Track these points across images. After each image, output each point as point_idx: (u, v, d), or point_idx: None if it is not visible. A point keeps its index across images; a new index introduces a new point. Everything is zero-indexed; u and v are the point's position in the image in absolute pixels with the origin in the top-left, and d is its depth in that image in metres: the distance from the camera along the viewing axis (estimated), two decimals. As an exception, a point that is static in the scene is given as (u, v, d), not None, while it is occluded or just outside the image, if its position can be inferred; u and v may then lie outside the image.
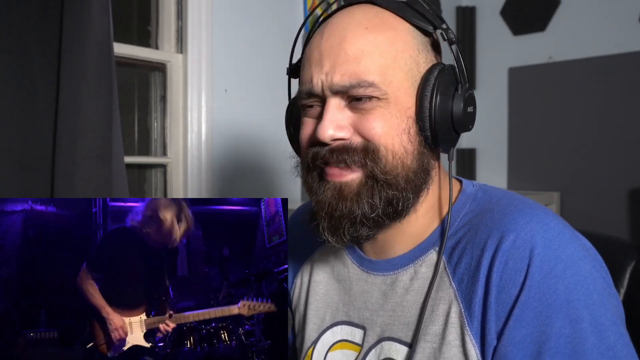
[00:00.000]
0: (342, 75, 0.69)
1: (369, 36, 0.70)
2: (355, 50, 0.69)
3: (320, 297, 0.87)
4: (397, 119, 0.70)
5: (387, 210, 0.71)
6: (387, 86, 0.69)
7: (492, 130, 3.08)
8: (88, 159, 1.34)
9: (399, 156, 0.70)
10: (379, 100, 0.69)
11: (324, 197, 0.72)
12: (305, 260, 0.92)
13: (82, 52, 1.34)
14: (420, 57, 0.73)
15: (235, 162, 2.01)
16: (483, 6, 3.13)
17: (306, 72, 0.73)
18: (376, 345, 0.77)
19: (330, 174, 0.72)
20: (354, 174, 0.71)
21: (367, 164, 0.69)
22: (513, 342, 0.64)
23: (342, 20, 0.73)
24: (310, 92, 0.72)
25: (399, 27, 0.72)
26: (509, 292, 0.66)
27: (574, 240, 0.67)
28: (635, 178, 2.61)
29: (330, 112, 0.70)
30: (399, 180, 0.70)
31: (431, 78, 0.71)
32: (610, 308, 0.65)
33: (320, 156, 0.71)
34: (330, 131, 0.69)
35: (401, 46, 0.71)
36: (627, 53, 2.63)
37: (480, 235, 0.70)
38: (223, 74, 1.95)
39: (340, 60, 0.69)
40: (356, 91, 0.69)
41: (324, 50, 0.71)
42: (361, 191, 0.70)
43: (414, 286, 0.75)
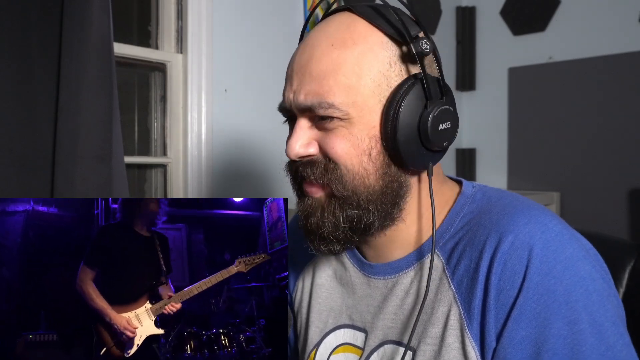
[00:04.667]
0: (306, 95, 0.69)
1: (333, 54, 0.68)
2: (318, 70, 0.69)
3: (323, 300, 0.87)
4: (358, 139, 0.69)
5: (352, 227, 0.71)
6: (349, 107, 0.68)
7: (492, 130, 3.08)
8: (88, 159, 1.34)
9: (359, 176, 0.69)
10: (340, 120, 0.68)
11: (300, 209, 0.74)
12: (308, 262, 0.92)
13: (82, 52, 1.34)
14: (392, 71, 0.69)
15: (235, 162, 2.01)
16: (483, 6, 3.13)
17: (284, 87, 0.75)
18: (378, 349, 0.77)
19: (306, 190, 0.73)
20: (320, 192, 0.72)
21: (326, 182, 0.70)
22: (512, 344, 0.64)
23: (315, 34, 0.72)
24: (283, 108, 0.74)
25: (371, 39, 0.69)
26: (508, 294, 0.65)
27: (573, 241, 0.67)
28: (635, 178, 2.61)
29: (297, 130, 0.72)
30: (360, 200, 0.70)
31: (397, 95, 0.67)
32: (610, 308, 0.64)
33: (294, 169, 0.74)
34: (295, 149, 0.71)
35: (369, 62, 0.68)
36: (627, 53, 2.63)
37: (479, 236, 0.70)
38: (223, 74, 1.95)
39: (305, 80, 0.70)
40: (318, 111, 0.69)
41: (294, 67, 0.72)
42: (325, 209, 0.71)
43: (414, 289, 0.75)
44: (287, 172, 0.77)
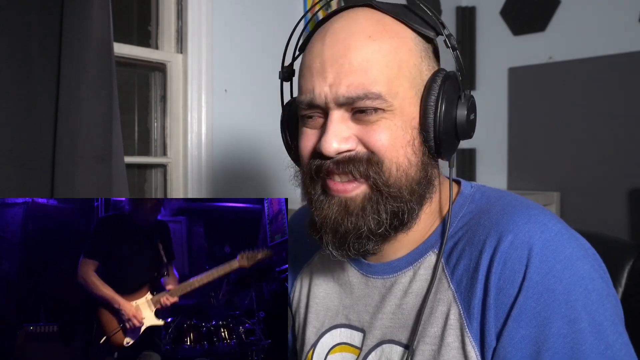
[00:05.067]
0: (348, 87, 0.66)
1: (373, 45, 0.67)
2: (360, 60, 0.67)
3: (320, 300, 0.87)
4: (402, 130, 0.68)
5: (394, 223, 0.70)
6: (393, 98, 0.67)
7: (492, 130, 3.08)
8: (88, 159, 1.34)
9: (403, 168, 0.68)
10: (384, 112, 0.67)
11: (329, 212, 0.70)
12: (305, 263, 0.92)
13: (82, 52, 1.34)
14: (423, 65, 0.71)
15: (235, 162, 2.01)
16: (483, 6, 3.14)
17: (307, 82, 0.70)
18: (376, 348, 0.77)
19: (334, 189, 0.70)
20: (358, 189, 0.69)
21: (370, 176, 0.68)
22: (512, 343, 0.64)
23: (344, 26, 0.69)
24: (312, 103, 0.69)
25: (401, 34, 0.70)
26: (508, 293, 0.65)
27: (572, 241, 0.67)
28: (635, 178, 2.61)
29: (334, 124, 0.68)
30: (403, 192, 0.69)
31: (434, 87, 0.69)
32: (609, 308, 0.65)
33: (324, 169, 0.69)
34: (334, 144, 0.67)
35: (405, 54, 0.69)
36: (627, 53, 2.63)
37: (479, 236, 0.70)
38: (223, 74, 1.95)
39: (345, 71, 0.67)
40: (363, 103, 0.66)
41: (326, 59, 0.68)
42: (366, 206, 0.69)
43: (413, 288, 0.75)
44: (305, 172, 0.73)
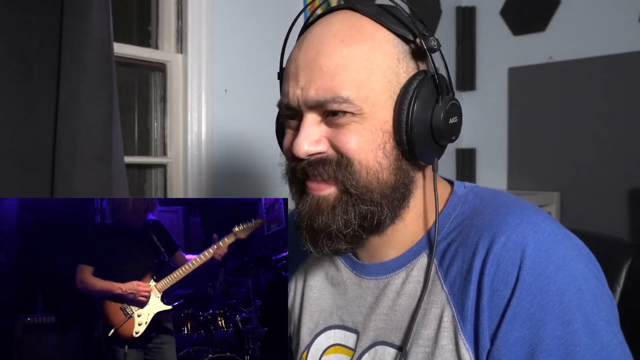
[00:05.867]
0: (317, 90, 0.68)
1: (344, 50, 0.68)
2: (329, 65, 0.68)
3: (314, 301, 0.87)
4: (372, 134, 0.69)
5: (363, 224, 0.70)
6: (362, 102, 0.68)
7: (492, 130, 3.08)
8: (88, 159, 1.34)
9: (373, 171, 0.69)
10: (353, 116, 0.68)
11: (303, 209, 0.72)
12: (300, 264, 0.92)
13: (82, 52, 1.34)
14: (400, 67, 0.70)
15: (235, 162, 2.02)
16: (483, 6, 3.14)
17: (285, 85, 0.73)
18: (369, 350, 0.77)
19: (310, 187, 0.72)
20: (331, 189, 0.70)
21: (339, 178, 0.69)
22: (506, 345, 0.64)
23: (320, 31, 0.71)
24: (288, 105, 0.72)
25: (378, 36, 0.70)
26: (501, 295, 0.65)
27: (566, 241, 0.67)
28: (635, 178, 2.61)
29: (306, 127, 0.70)
30: (373, 195, 0.69)
31: (409, 90, 0.69)
32: (603, 308, 0.64)
33: (299, 169, 0.71)
34: (305, 147, 0.69)
35: (378, 58, 0.69)
36: (627, 53, 2.63)
37: (472, 237, 0.70)
38: (223, 74, 1.96)
39: (315, 75, 0.69)
40: (331, 106, 0.68)
41: (300, 63, 0.71)
42: (336, 206, 0.70)
43: (406, 290, 0.75)
44: (287, 172, 0.75)
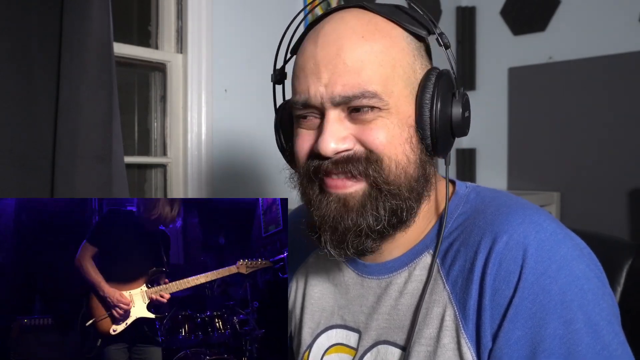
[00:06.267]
0: (344, 86, 0.67)
1: (366, 45, 0.68)
2: (354, 60, 0.67)
3: (315, 300, 0.87)
4: (399, 128, 0.69)
5: (392, 220, 0.70)
6: (389, 96, 0.68)
7: (492, 130, 3.08)
8: (88, 159, 1.34)
9: (402, 166, 0.69)
10: (380, 111, 0.68)
11: (327, 210, 0.70)
12: (301, 264, 0.92)
13: (82, 52, 1.34)
14: (416, 64, 0.71)
15: (235, 162, 2.02)
16: (483, 6, 3.14)
17: (301, 83, 0.71)
18: (372, 349, 0.77)
19: (332, 186, 0.70)
20: (357, 185, 0.69)
21: (370, 174, 0.68)
22: (508, 344, 0.64)
23: (336, 27, 0.70)
24: (307, 103, 0.70)
25: (393, 33, 0.70)
26: (503, 294, 0.65)
27: (568, 240, 0.67)
28: (635, 178, 2.61)
29: (331, 124, 0.68)
30: (402, 190, 0.69)
31: (429, 85, 0.70)
32: (605, 307, 0.65)
33: (323, 169, 0.69)
34: (332, 145, 0.67)
35: (398, 53, 0.70)
36: (627, 53, 2.63)
37: (474, 237, 0.70)
38: (223, 74, 1.95)
39: (339, 71, 0.67)
40: (359, 102, 0.67)
41: (320, 60, 0.69)
42: (365, 202, 0.69)
43: (408, 289, 0.75)
44: (302, 173, 0.73)
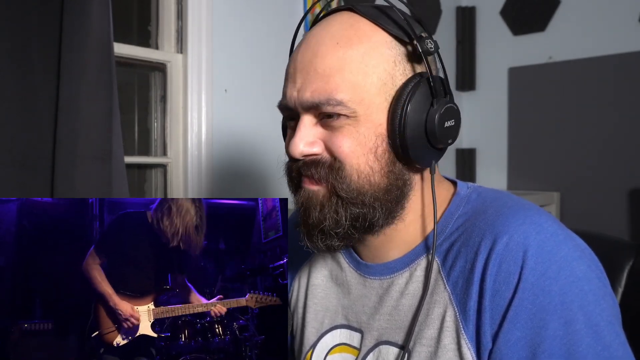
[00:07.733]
0: (312, 92, 0.69)
1: (339, 52, 0.69)
2: (324, 67, 0.69)
3: (319, 300, 0.87)
4: (364, 137, 0.69)
5: (355, 225, 0.71)
6: (356, 104, 0.68)
7: (492, 130, 3.09)
8: (88, 159, 1.34)
9: (364, 175, 0.69)
10: (347, 118, 0.68)
11: (299, 203, 0.73)
12: (303, 263, 0.92)
13: (82, 52, 1.34)
14: (397, 70, 0.70)
15: (235, 162, 2.02)
16: (483, 6, 3.14)
17: (284, 85, 0.74)
18: (374, 349, 0.77)
19: (304, 182, 0.73)
20: (319, 188, 0.71)
21: (330, 181, 0.70)
22: (508, 345, 0.64)
23: (318, 33, 0.72)
24: (285, 106, 0.73)
25: (375, 38, 0.70)
26: (503, 295, 0.65)
27: (568, 241, 0.67)
28: (635, 178, 2.61)
29: (302, 129, 0.71)
30: (365, 198, 0.70)
31: (403, 93, 0.68)
32: (605, 308, 0.64)
33: (294, 169, 0.73)
34: (300, 147, 0.70)
35: (375, 60, 0.69)
36: (627, 53, 2.63)
37: (474, 237, 0.70)
38: (223, 74, 1.95)
39: (310, 77, 0.69)
40: (325, 108, 0.68)
41: (297, 65, 0.71)
42: (324, 204, 0.71)
43: (409, 290, 0.75)
44: (286, 171, 0.77)
